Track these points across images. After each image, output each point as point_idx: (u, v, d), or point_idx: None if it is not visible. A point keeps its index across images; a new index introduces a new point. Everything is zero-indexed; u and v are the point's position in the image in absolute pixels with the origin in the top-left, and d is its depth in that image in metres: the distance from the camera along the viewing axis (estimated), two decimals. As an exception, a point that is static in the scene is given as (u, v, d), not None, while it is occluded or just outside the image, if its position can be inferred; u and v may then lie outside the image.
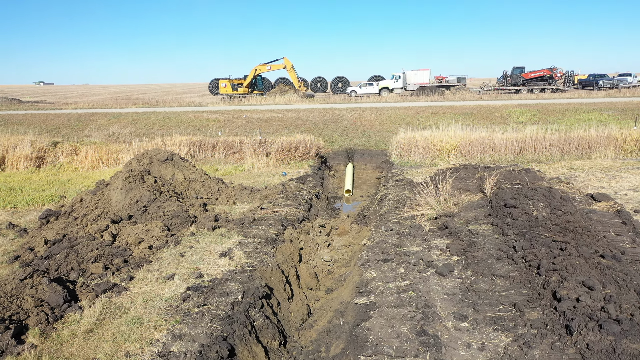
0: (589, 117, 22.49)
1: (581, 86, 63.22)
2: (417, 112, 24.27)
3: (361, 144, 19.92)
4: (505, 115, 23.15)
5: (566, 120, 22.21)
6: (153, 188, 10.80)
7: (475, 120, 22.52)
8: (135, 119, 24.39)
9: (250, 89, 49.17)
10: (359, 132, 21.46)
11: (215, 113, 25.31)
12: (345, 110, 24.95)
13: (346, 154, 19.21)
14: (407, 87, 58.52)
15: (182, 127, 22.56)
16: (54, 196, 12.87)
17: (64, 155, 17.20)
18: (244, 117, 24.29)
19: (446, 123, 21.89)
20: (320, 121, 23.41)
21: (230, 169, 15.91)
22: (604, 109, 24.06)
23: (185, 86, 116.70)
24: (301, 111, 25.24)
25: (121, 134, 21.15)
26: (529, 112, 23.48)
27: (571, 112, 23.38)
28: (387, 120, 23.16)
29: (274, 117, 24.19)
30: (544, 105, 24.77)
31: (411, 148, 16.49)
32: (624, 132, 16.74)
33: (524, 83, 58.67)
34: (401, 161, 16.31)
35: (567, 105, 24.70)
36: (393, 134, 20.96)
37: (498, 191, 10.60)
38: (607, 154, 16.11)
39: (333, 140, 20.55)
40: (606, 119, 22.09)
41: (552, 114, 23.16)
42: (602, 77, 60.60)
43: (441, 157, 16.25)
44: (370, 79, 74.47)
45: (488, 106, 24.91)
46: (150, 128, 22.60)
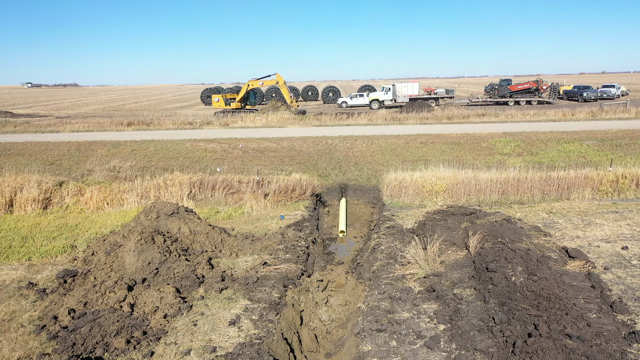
0: (570, 148, 23.59)
1: (566, 97, 64.90)
2: (406, 141, 25.24)
3: (354, 179, 20.85)
4: (491, 146, 24.19)
5: (548, 151, 23.31)
6: (163, 249, 11.66)
7: (463, 152, 23.55)
8: (135, 149, 25.12)
9: (243, 103, 49.94)
10: (351, 164, 22.38)
11: (212, 142, 26.10)
12: (337, 140, 25.85)
13: (339, 189, 20.14)
14: (396, 99, 59.67)
15: (180, 160, 23.36)
16: (65, 247, 13.66)
17: (69, 196, 17.95)
18: (240, 147, 25.12)
19: (434, 156, 22.93)
20: (314, 151, 24.30)
21: (231, 211, 16.77)
22: (584, 138, 25.20)
23: (175, 90, 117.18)
24: (295, 140, 26.11)
25: (122, 168, 21.90)
26: (514, 142, 24.55)
27: (553, 142, 24.49)
28: (378, 150, 24.11)
29: (269, 147, 25.04)
30: (528, 135, 25.86)
31: (402, 189, 17.45)
32: (600, 173, 17.81)
33: (510, 95, 60.15)
34: (392, 202, 17.26)
35: (550, 135, 25.81)
36: (384, 167, 21.95)
37: (481, 251, 11.59)
38: (584, 195, 17.18)
39: (327, 174, 21.45)
40: (586, 151, 23.22)
41: (535, 144, 24.24)
42: (586, 88, 62.22)
43: (430, 198, 17.22)
44: (360, 89, 75.73)
45: (475, 135, 25.94)
46: (150, 160, 23.36)
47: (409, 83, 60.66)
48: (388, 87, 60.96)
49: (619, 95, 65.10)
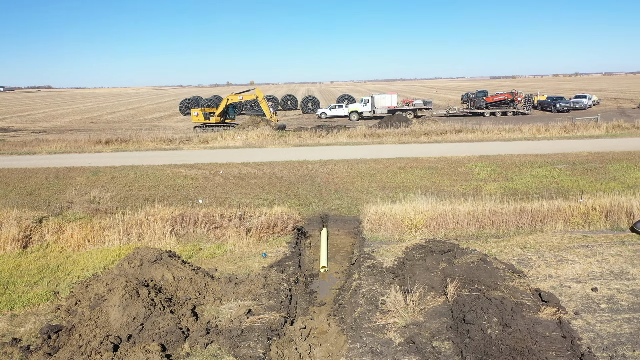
0: (543, 172, 24.33)
1: (540, 107, 66.45)
2: (385, 166, 25.70)
3: (334, 208, 21.18)
4: (468, 171, 24.79)
5: (522, 176, 24.00)
6: (147, 302, 11.79)
7: (440, 177, 24.10)
8: (115, 176, 25.06)
9: (222, 117, 49.95)
10: (331, 192, 22.72)
11: (193, 168, 26.18)
12: (318, 164, 26.18)
13: (320, 219, 20.43)
14: (375, 111, 60.29)
15: (161, 188, 23.40)
16: (48, 294, 13.69)
17: (50, 234, 17.88)
18: (221, 174, 25.26)
19: (413, 182, 23.42)
20: (295, 178, 24.59)
21: (213, 248, 16.93)
22: (556, 161, 25.99)
23: (153, 96, 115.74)
24: (276, 165, 26.36)
25: (103, 199, 21.86)
26: (489, 167, 25.20)
27: (527, 167, 25.21)
28: (358, 176, 24.51)
29: (250, 173, 25.24)
30: (503, 158, 26.55)
31: (381, 223, 17.85)
32: (571, 205, 18.46)
33: (487, 106, 61.35)
34: (372, 236, 17.63)
35: (524, 158, 26.54)
36: (364, 194, 22.35)
37: (458, 299, 12.03)
38: (557, 227, 17.81)
39: (308, 202, 21.75)
40: (558, 175, 23.98)
41: (510, 169, 24.92)
42: (559, 99, 63.82)
43: (409, 232, 17.64)
44: (339, 99, 76.34)
45: (452, 159, 26.53)
46: (130, 189, 23.35)
47: (387, 95, 61.38)
48: (367, 99, 61.60)
49: (591, 105, 66.94)
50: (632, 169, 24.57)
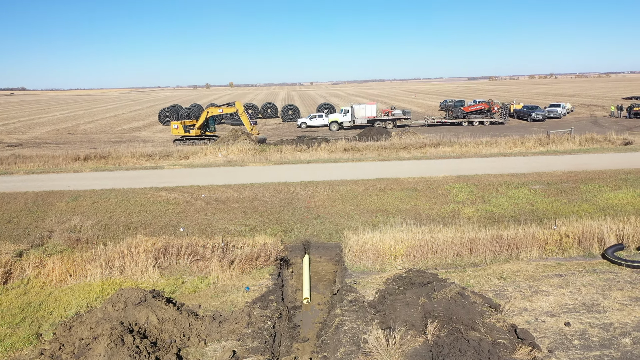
0: (519, 194, 25.00)
1: (517, 116, 67.81)
2: (366, 188, 26.09)
3: (316, 234, 21.47)
4: (446, 192, 25.32)
5: (499, 198, 24.62)
6: (133, 350, 11.90)
7: (420, 200, 24.58)
8: (95, 201, 24.94)
9: (203, 130, 49.87)
10: (313, 216, 23.01)
11: (174, 191, 26.19)
12: (299, 187, 26.44)
13: (302, 246, 20.71)
14: (355, 121, 60.83)
15: (142, 214, 23.40)
16: (30, 337, 13.69)
17: (30, 269, 17.79)
18: (202, 197, 25.34)
19: (393, 205, 23.85)
20: (276, 201, 24.81)
21: (197, 282, 17.05)
22: (532, 182, 26.70)
23: (130, 103, 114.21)
24: (257, 187, 26.54)
25: (83, 228, 21.77)
26: (467, 188, 25.77)
27: (504, 187, 25.86)
28: (339, 199, 24.85)
29: (231, 196, 25.38)
30: (480, 179, 27.16)
31: (363, 253, 18.20)
32: (545, 232, 19.08)
33: (464, 116, 62.42)
34: (354, 267, 17.96)
35: (501, 178, 27.19)
36: (345, 219, 22.71)
37: (437, 340, 12.41)
38: (532, 254, 18.38)
39: (290, 228, 21.99)
40: (534, 197, 24.67)
41: (487, 190, 25.53)
42: (535, 109, 65.22)
43: (389, 262, 18.02)
44: (319, 108, 76.70)
45: (430, 180, 27.05)
46: (111, 215, 23.29)
47: (367, 105, 62.00)
48: (346, 109, 62.13)
49: (565, 113, 68.55)
50: (604, 189, 25.38)
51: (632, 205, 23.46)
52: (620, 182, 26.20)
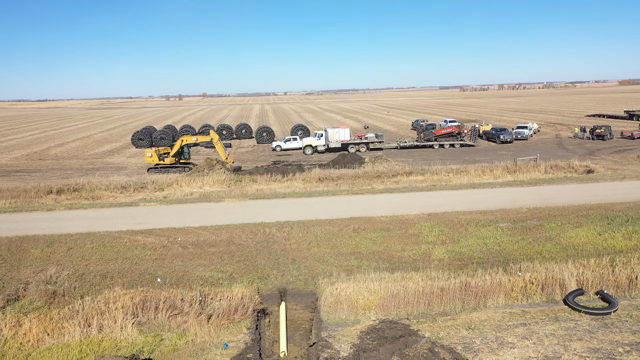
0: (487, 233, 26.03)
1: (486, 137, 69.74)
2: (340, 228, 26.77)
3: (292, 280, 22.01)
4: (418, 233, 26.19)
5: (468, 238, 25.59)
6: None
7: (392, 241, 25.37)
8: (71, 247, 24.97)
9: (177, 158, 49.97)
10: (289, 261, 23.55)
11: (150, 235, 26.38)
12: (275, 227, 26.95)
13: (279, 294, 21.20)
14: (329, 145, 61.70)
15: (119, 262, 23.57)
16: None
17: (7, 329, 17.80)
18: (179, 241, 25.62)
19: (367, 247, 24.57)
20: (253, 244, 25.28)
21: (175, 339, 17.35)
22: (499, 219, 27.79)
23: (101, 122, 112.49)
24: (233, 229, 26.94)
25: (60, 279, 21.83)
26: (438, 227, 26.69)
27: (473, 226, 26.87)
28: (314, 241, 25.46)
29: (208, 240, 25.73)
30: (450, 217, 28.12)
31: (337, 305, 18.80)
32: (511, 279, 20.01)
33: (435, 139, 63.94)
34: (329, 318, 18.53)
35: (469, 216, 28.20)
36: (320, 263, 23.35)
37: (409, 405, 13.09)
38: (499, 302, 19.28)
39: (266, 274, 22.48)
40: (501, 236, 25.72)
41: (457, 229, 26.50)
42: (503, 131, 67.23)
43: (363, 313, 18.66)
44: (294, 129, 77.36)
45: (402, 219, 27.89)
46: (88, 263, 23.39)
47: (341, 129, 62.97)
48: (320, 133, 63.00)
49: (532, 134, 70.81)
50: (566, 227, 26.62)
51: (592, 244, 24.68)
52: (582, 219, 27.48)
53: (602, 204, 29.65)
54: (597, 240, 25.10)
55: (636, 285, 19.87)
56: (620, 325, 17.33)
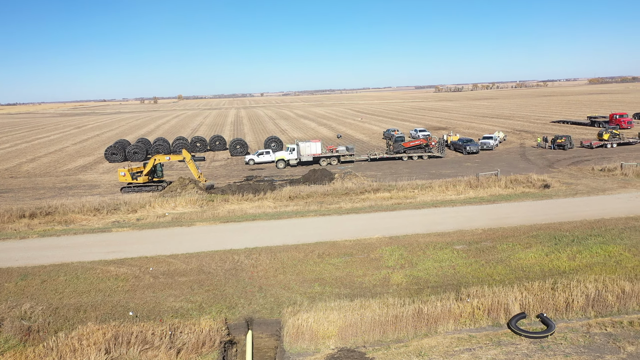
0: (443, 256, 27.71)
1: (453, 148, 72.02)
2: (305, 254, 28.17)
3: (259, 309, 23.31)
4: (379, 257, 27.75)
5: (426, 261, 27.24)
6: None
7: (354, 266, 26.88)
8: (45, 280, 25.82)
9: (150, 177, 50.72)
10: (256, 289, 24.85)
11: (123, 265, 27.37)
12: (243, 255, 28.22)
13: (246, 323, 22.48)
14: (301, 158, 63.10)
15: (92, 294, 24.54)
16: None
17: (-16, 369, 18.72)
18: (151, 271, 26.67)
19: (330, 273, 26.01)
20: (222, 272, 26.51)
21: (146, 374, 18.51)
22: (455, 242, 29.54)
23: (74, 132, 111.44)
24: (203, 257, 28.11)
25: (34, 314, 22.70)
26: (398, 251, 28.31)
27: (431, 249, 28.55)
28: (281, 268, 26.81)
29: (178, 269, 26.85)
30: (410, 240, 29.78)
31: (299, 335, 20.17)
32: (460, 305, 21.67)
33: (404, 151, 65.89)
34: (291, 348, 19.89)
35: (428, 239, 29.91)
36: (285, 290, 24.70)
37: None
38: (448, 327, 20.89)
39: (234, 304, 23.74)
40: (456, 259, 27.44)
41: (415, 253, 28.15)
42: (469, 142, 69.62)
43: (323, 342, 20.07)
44: (267, 141, 78.51)
45: (365, 243, 29.44)
46: (61, 297, 24.29)
47: (312, 143, 64.41)
48: (292, 147, 64.33)
49: (497, 144, 73.34)
50: (517, 248, 28.51)
51: (539, 265, 26.58)
52: (532, 239, 29.41)
53: (552, 224, 31.69)
54: (544, 261, 27.01)
55: (572, 308, 21.73)
56: (555, 348, 19.11)
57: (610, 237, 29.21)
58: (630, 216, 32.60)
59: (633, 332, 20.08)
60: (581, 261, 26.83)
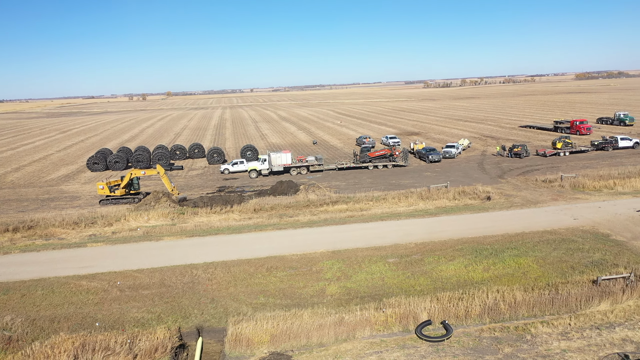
0: (376, 269, 31.74)
1: (418, 156, 76.20)
2: (256, 268, 32.08)
3: (209, 318, 27.20)
4: (319, 270, 31.74)
5: (360, 273, 31.24)
6: None
7: (297, 279, 30.83)
8: (24, 294, 29.52)
9: (127, 189, 54.24)
10: (208, 301, 28.72)
11: (94, 279, 31.11)
12: (201, 269, 32.07)
13: (197, 331, 26.35)
14: (272, 168, 66.96)
15: (65, 307, 28.30)
16: None
17: (-29, 373, 22.43)
18: (118, 285, 30.45)
19: (275, 285, 29.92)
20: (180, 285, 30.36)
21: (107, 377, 22.33)
22: (389, 255, 33.61)
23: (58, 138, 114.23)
24: (165, 271, 31.92)
25: (15, 325, 26.40)
26: (337, 265, 32.30)
27: (366, 263, 32.58)
28: (232, 281, 30.70)
29: (143, 283, 30.65)
30: (350, 254, 33.79)
31: (238, 342, 24.09)
32: (376, 314, 25.70)
33: (370, 160, 69.89)
34: (231, 352, 23.81)
35: (366, 252, 33.95)
36: (234, 301, 28.59)
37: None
38: (365, 333, 24.89)
39: (189, 313, 27.61)
40: (387, 271, 31.47)
41: (352, 266, 32.16)
42: (432, 151, 73.85)
43: (258, 347, 24.01)
44: (243, 149, 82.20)
45: (309, 257, 33.42)
46: (38, 309, 28.02)
47: (283, 154, 68.20)
48: (264, 158, 68.16)
49: (460, 152, 77.59)
50: (442, 260, 32.61)
51: (457, 276, 30.68)
52: (456, 253, 33.54)
53: (476, 238, 35.86)
54: (462, 273, 31.12)
55: (471, 316, 25.84)
56: (447, 350, 23.18)
57: (524, 250, 33.42)
58: (547, 230, 36.85)
59: (515, 335, 24.22)
60: (494, 272, 31.00)
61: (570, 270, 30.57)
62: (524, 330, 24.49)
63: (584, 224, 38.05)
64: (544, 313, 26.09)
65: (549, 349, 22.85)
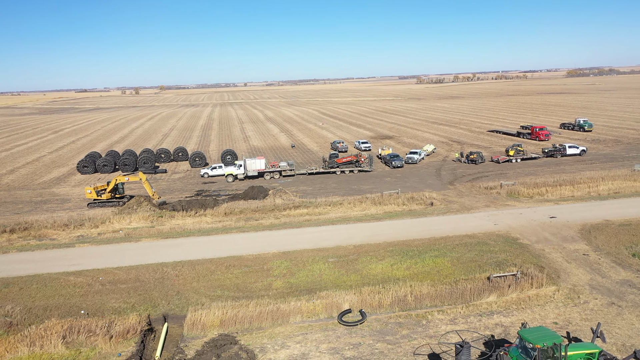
0: (317, 267, 37.98)
1: (383, 162, 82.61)
2: (217, 266, 38.26)
3: (174, 307, 33.39)
4: (270, 268, 37.97)
5: (303, 271, 37.47)
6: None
7: (250, 275, 37.04)
8: (22, 288, 35.56)
9: (113, 193, 60.25)
10: (174, 293, 34.89)
11: (80, 275, 37.20)
12: (171, 267, 38.20)
13: (163, 318, 32.54)
14: (247, 173, 73.14)
15: (56, 298, 34.36)
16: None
17: (-19, 349, 28.49)
18: (100, 280, 36.58)
19: (231, 281, 36.15)
20: (152, 281, 36.49)
21: (88, 352, 28.38)
22: (331, 255, 39.90)
23: (51, 138, 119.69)
24: (141, 269, 38.04)
25: (14, 312, 32.46)
26: (285, 264, 38.54)
27: (310, 262, 38.86)
28: (196, 277, 36.87)
29: (121, 279, 36.77)
30: (299, 255, 40.01)
31: (194, 325, 30.31)
32: (308, 304, 31.98)
33: (338, 166, 76.26)
34: (188, 334, 30.01)
35: (312, 253, 40.17)
36: (196, 294, 34.76)
37: (207, 383, 24.81)
38: (297, 319, 31.14)
39: (157, 303, 33.79)
40: (325, 270, 37.70)
41: (298, 265, 38.41)
42: (396, 157, 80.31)
43: (210, 329, 30.23)
44: (223, 154, 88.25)
45: (263, 257, 39.65)
46: (34, 300, 34.08)
47: (257, 160, 74.47)
48: (240, 163, 74.38)
49: (423, 158, 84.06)
50: (373, 260, 38.92)
51: (383, 274, 36.96)
52: (387, 254, 39.87)
53: (406, 240, 42.20)
54: (388, 270, 37.42)
55: (383, 306, 32.13)
56: (359, 332, 29.48)
57: (443, 252, 39.79)
58: (468, 234, 43.27)
59: (415, 321, 30.55)
60: (414, 271, 37.32)
61: (477, 269, 36.92)
62: (423, 317, 30.83)
63: (501, 229, 44.51)
64: (443, 303, 32.41)
65: (437, 331, 29.20)
